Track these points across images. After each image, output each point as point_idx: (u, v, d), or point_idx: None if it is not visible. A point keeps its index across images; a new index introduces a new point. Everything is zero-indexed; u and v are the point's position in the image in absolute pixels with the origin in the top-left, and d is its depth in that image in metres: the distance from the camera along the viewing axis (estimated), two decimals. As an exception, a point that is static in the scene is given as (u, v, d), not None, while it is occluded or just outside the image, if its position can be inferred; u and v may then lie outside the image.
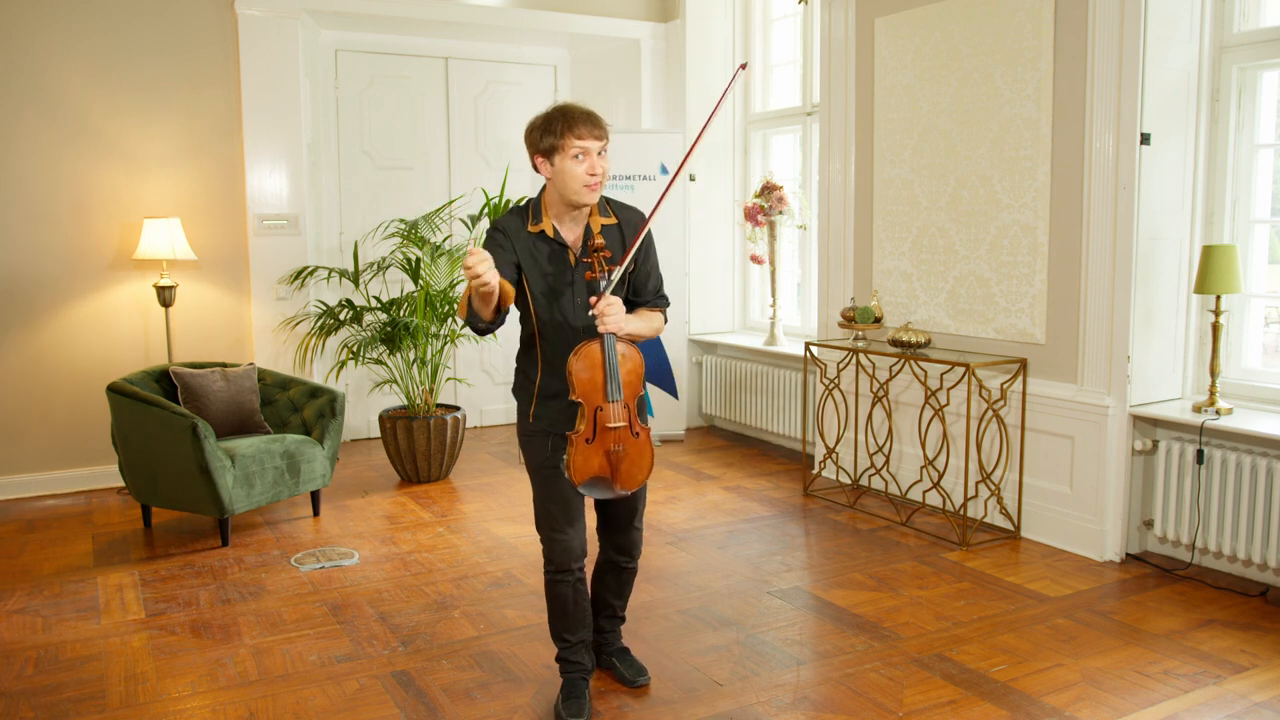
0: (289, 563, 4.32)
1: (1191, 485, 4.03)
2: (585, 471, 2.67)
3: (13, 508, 5.24)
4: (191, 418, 4.34)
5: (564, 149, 2.64)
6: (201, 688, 3.17)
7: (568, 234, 2.76)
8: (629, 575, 3.13)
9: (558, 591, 2.91)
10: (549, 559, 2.88)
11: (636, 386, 2.72)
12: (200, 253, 5.66)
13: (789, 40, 6.62)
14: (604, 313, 2.58)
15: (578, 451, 2.66)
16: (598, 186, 2.67)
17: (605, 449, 2.67)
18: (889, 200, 5.20)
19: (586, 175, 2.64)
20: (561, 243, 2.75)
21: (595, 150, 2.64)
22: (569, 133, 2.63)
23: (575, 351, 2.64)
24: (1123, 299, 4.12)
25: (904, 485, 5.12)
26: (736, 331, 7.00)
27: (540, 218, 2.74)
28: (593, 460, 2.67)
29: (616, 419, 2.66)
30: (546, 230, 2.73)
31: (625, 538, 3.01)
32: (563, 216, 2.74)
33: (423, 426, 5.49)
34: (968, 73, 4.71)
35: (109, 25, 5.41)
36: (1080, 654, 3.35)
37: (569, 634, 2.97)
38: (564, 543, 2.84)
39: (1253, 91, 4.11)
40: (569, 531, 2.84)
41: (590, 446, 2.67)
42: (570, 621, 2.95)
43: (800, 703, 3.04)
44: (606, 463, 2.68)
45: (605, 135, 2.68)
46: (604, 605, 3.17)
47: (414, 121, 6.80)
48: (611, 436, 2.66)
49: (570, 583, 2.90)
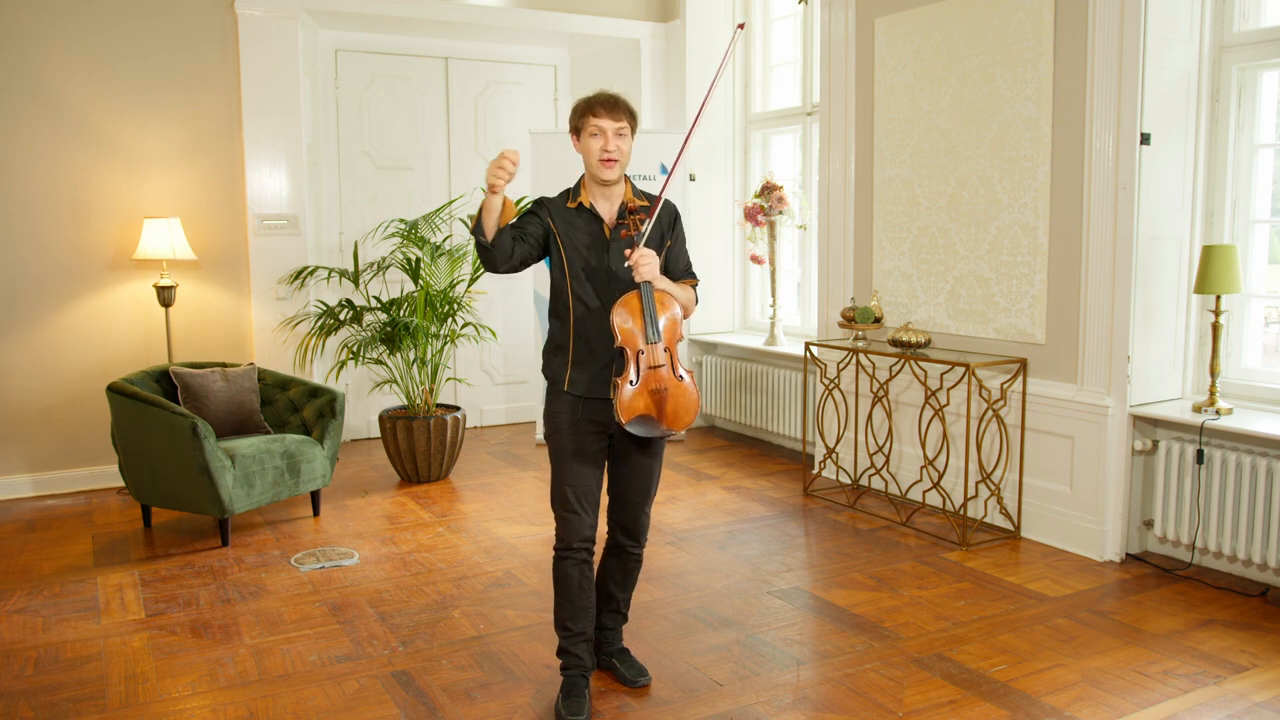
0: (289, 563, 4.32)
1: (1191, 485, 4.03)
2: (632, 410, 2.84)
3: (13, 508, 5.24)
4: (191, 418, 4.34)
5: (584, 128, 2.90)
6: (201, 688, 3.17)
7: (603, 210, 2.98)
8: (634, 564, 3.18)
9: (564, 570, 3.00)
10: (560, 536, 2.99)
11: (675, 332, 2.91)
12: (200, 253, 5.67)
13: (789, 40, 6.62)
14: (639, 263, 2.80)
15: (623, 393, 2.84)
16: (612, 164, 2.88)
17: (649, 389, 2.85)
18: (889, 200, 5.20)
19: (601, 151, 2.87)
20: (597, 215, 2.97)
21: (611, 130, 2.87)
22: (588, 113, 2.89)
23: (616, 304, 2.86)
24: (1123, 299, 4.12)
25: (904, 485, 5.12)
26: (736, 331, 7.00)
27: (579, 194, 2.98)
28: (639, 401, 2.85)
29: (658, 359, 2.86)
30: (584, 203, 2.97)
31: (634, 521, 3.09)
32: (596, 193, 2.97)
33: (423, 426, 5.49)
34: (968, 73, 4.71)
35: (109, 25, 5.41)
36: (1080, 654, 3.35)
37: (572, 623, 3.02)
38: (574, 522, 2.96)
39: (1253, 91, 4.11)
40: (581, 514, 2.96)
41: (635, 388, 2.85)
42: (574, 608, 3.01)
43: (800, 703, 3.04)
44: (652, 402, 2.86)
45: (624, 118, 2.90)
46: (608, 597, 3.20)
47: (414, 121, 6.80)
48: (654, 377, 2.86)
49: (576, 562, 2.99)
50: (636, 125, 2.94)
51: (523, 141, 6.80)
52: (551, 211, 2.97)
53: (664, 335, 2.86)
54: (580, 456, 2.96)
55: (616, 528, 3.13)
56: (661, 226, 3.01)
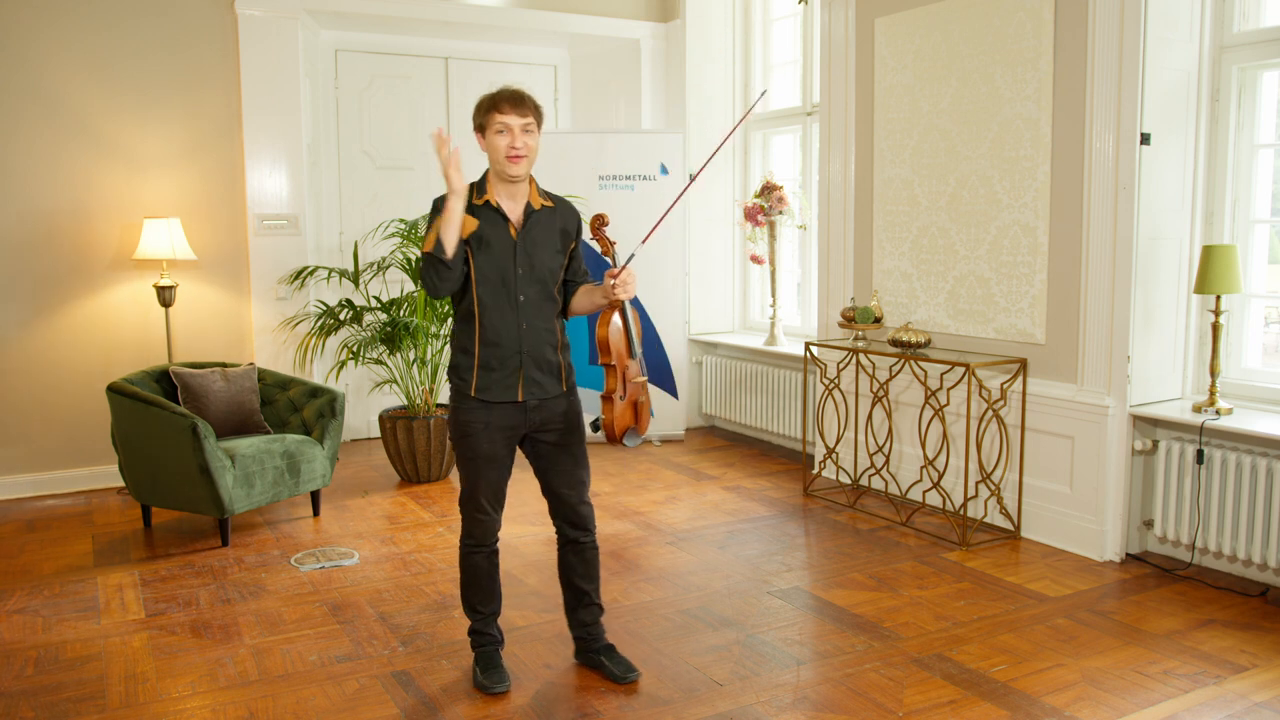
0: (289, 563, 4.32)
1: (1191, 485, 4.03)
2: (623, 425, 3.02)
3: (13, 508, 5.24)
4: (191, 418, 4.34)
5: (490, 125, 2.90)
6: (201, 688, 3.17)
7: (508, 209, 2.97)
8: (592, 554, 3.20)
9: (474, 563, 3.14)
10: (469, 534, 3.11)
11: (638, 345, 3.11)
12: (200, 253, 5.67)
13: (789, 40, 6.62)
14: (625, 282, 2.89)
15: (613, 408, 3.00)
16: (519, 159, 2.88)
17: (634, 400, 3.04)
18: (889, 200, 5.20)
19: (507, 148, 2.87)
20: (503, 215, 2.96)
21: (518, 126, 2.87)
22: (493, 109, 2.88)
23: (599, 322, 2.98)
24: (1123, 299, 4.12)
25: (904, 485, 5.12)
26: (736, 331, 7.00)
27: (485, 191, 2.97)
28: (626, 414, 3.03)
29: (637, 374, 3.05)
30: (491, 201, 2.95)
31: (575, 513, 3.15)
32: (501, 190, 2.97)
33: (423, 426, 5.49)
34: (968, 73, 4.71)
35: (109, 25, 5.41)
36: (1080, 654, 3.35)
37: (481, 606, 3.19)
38: (486, 523, 3.09)
39: (1253, 91, 4.11)
40: (492, 514, 3.09)
41: (624, 402, 3.02)
42: (483, 593, 3.18)
43: (800, 703, 3.04)
44: (632, 414, 3.05)
45: (530, 114, 2.89)
46: (578, 593, 3.22)
47: (414, 121, 6.80)
48: (636, 390, 3.05)
49: (485, 554, 3.14)
50: (542, 121, 2.94)
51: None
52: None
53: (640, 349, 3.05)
54: (490, 461, 3.01)
55: (563, 523, 3.16)
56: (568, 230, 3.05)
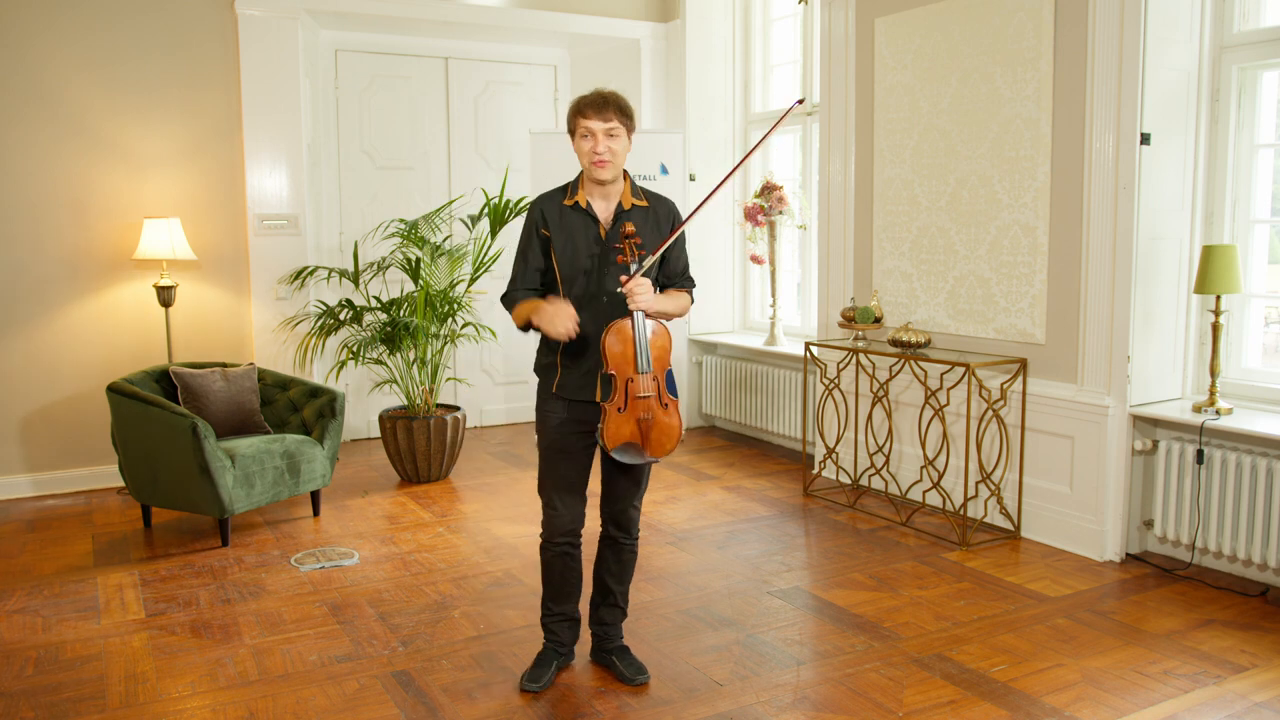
0: (289, 563, 4.32)
1: (1191, 485, 4.03)
2: (618, 437, 2.93)
3: (13, 508, 5.24)
4: (191, 418, 4.34)
5: (576, 129, 2.93)
6: (201, 688, 3.17)
7: (599, 209, 3.00)
8: (629, 556, 3.22)
9: (547, 559, 3.16)
10: (545, 527, 3.13)
11: (665, 361, 2.98)
12: (200, 253, 5.67)
13: (789, 40, 6.61)
14: (633, 292, 2.84)
15: (611, 420, 2.92)
16: (603, 164, 2.90)
17: (636, 417, 2.93)
18: (889, 200, 5.20)
19: (591, 152, 2.89)
20: (593, 215, 2.99)
21: (601, 131, 2.88)
22: (578, 115, 2.92)
23: (608, 329, 2.90)
24: (1123, 299, 4.12)
25: (904, 485, 5.12)
26: (736, 331, 7.00)
27: (576, 192, 3.01)
28: (625, 428, 2.93)
29: (646, 389, 2.93)
30: (580, 202, 2.99)
31: (623, 514, 3.16)
32: (593, 192, 3.00)
33: (423, 426, 5.49)
34: (968, 73, 4.71)
35: (108, 25, 5.41)
36: (1080, 654, 3.35)
37: (553, 602, 3.21)
38: (554, 517, 3.10)
39: (1253, 91, 4.11)
40: (559, 508, 3.09)
41: (622, 415, 2.93)
42: (554, 589, 3.19)
43: (800, 703, 3.04)
44: (638, 430, 2.94)
45: (614, 118, 2.89)
46: (606, 592, 3.24)
47: (414, 121, 6.80)
48: (641, 405, 2.94)
49: (558, 553, 3.14)
50: (632, 123, 2.93)
51: (522, 141, 6.81)
52: (547, 215, 2.99)
53: (653, 365, 2.93)
54: (565, 455, 3.06)
55: (608, 520, 3.19)
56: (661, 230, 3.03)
